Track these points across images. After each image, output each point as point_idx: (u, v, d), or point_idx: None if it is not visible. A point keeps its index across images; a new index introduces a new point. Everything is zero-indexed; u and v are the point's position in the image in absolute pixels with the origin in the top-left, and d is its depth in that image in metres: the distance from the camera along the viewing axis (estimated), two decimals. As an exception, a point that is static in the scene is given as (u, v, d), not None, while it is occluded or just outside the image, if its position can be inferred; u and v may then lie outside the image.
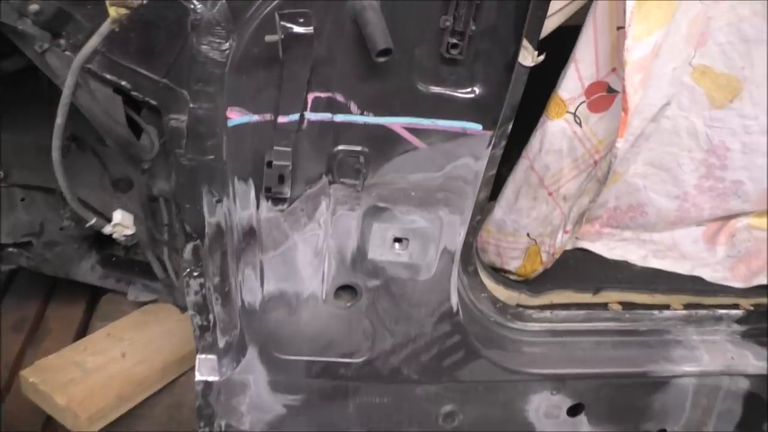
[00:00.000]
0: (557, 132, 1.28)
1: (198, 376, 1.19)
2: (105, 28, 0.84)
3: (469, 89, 1.00)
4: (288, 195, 1.02)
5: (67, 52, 0.91)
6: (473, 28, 0.94)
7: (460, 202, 1.09)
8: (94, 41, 0.85)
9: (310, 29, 0.90)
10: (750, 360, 1.46)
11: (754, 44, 1.34)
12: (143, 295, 1.91)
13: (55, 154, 0.91)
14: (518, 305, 1.42)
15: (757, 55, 1.35)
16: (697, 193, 1.55)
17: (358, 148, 1.02)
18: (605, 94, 1.24)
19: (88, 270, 1.92)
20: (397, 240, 1.13)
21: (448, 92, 1.00)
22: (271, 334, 1.17)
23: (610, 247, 1.70)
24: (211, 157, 1.01)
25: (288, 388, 1.22)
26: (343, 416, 1.29)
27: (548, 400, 1.38)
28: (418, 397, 1.30)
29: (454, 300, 1.20)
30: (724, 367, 1.44)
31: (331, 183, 1.05)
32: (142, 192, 1.11)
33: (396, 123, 1.02)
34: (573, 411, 1.42)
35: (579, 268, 1.56)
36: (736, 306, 1.54)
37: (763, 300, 1.55)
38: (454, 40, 0.95)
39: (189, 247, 1.09)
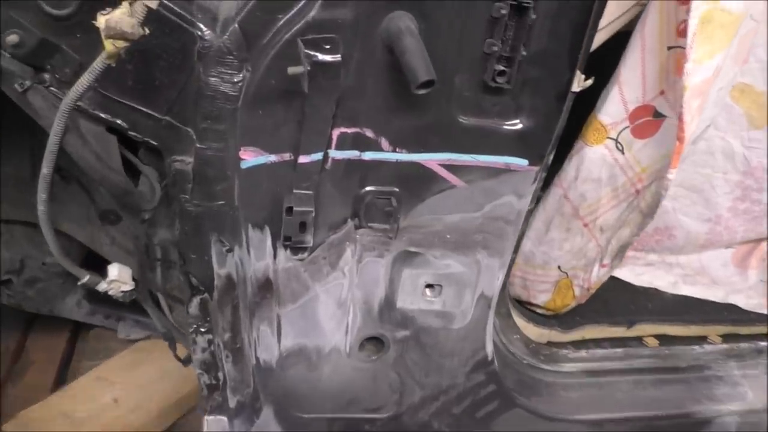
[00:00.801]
0: (596, 159, 1.18)
1: (206, 441, 1.06)
2: (99, 63, 0.71)
3: (515, 121, 0.89)
4: (310, 244, 0.90)
5: (52, 89, 0.78)
6: (523, 53, 0.83)
7: (500, 244, 0.98)
8: (86, 79, 0.72)
9: (337, 57, 0.78)
10: (796, 395, 1.37)
11: (800, 61, 1.24)
12: (135, 333, 1.77)
13: (41, 207, 0.78)
14: (549, 342, 1.32)
15: (803, 72, 1.26)
16: (731, 216, 1.45)
17: (390, 189, 0.90)
18: (651, 119, 1.13)
19: (73, 306, 1.77)
20: (429, 286, 1.01)
21: (490, 125, 0.88)
22: (289, 393, 1.04)
23: (636, 273, 1.61)
24: (221, 202, 0.88)
25: (307, 449, 1.10)
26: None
27: (585, 447, 1.27)
28: (446, 451, 1.19)
29: (489, 348, 1.08)
30: (769, 404, 1.35)
31: (357, 228, 0.93)
32: (140, 243, 0.98)
33: (432, 160, 0.90)
34: (610, 456, 1.32)
35: (608, 299, 1.45)
36: (771, 336, 1.45)
37: (801, 329, 1.47)
38: (501, 67, 0.83)
39: (195, 301, 0.96)
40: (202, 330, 0.99)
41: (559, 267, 1.32)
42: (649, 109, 1.13)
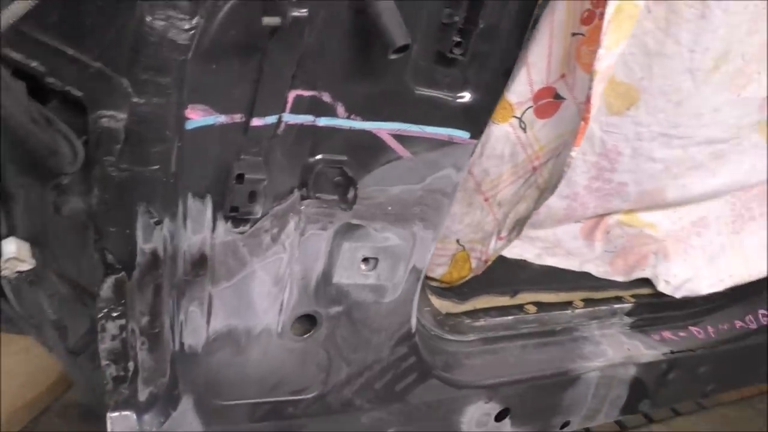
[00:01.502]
0: (501, 136, 1.24)
1: (113, 441, 0.93)
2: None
3: (463, 93, 0.90)
4: (259, 214, 0.83)
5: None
6: (481, 26, 0.84)
7: (436, 217, 0.99)
8: (5, 19, 0.57)
9: (304, 12, 0.72)
10: (642, 350, 1.59)
11: (654, 57, 1.42)
12: (-35, 326, 1.48)
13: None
14: (447, 313, 1.37)
15: (656, 68, 1.44)
16: (586, 193, 1.62)
17: (341, 158, 0.86)
18: (552, 100, 1.22)
19: None
20: (365, 260, 0.99)
21: (440, 96, 0.89)
22: (212, 380, 0.95)
23: (509, 247, 1.74)
24: (156, 167, 0.77)
25: (225, 439, 1.02)
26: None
27: (481, 409, 1.35)
28: (363, 425, 1.18)
29: (414, 321, 1.10)
30: (625, 359, 1.54)
31: (303, 198, 0.87)
32: (44, 213, 0.82)
33: (383, 129, 0.87)
34: (499, 416, 1.41)
35: (489, 271, 1.55)
36: (621, 299, 1.66)
37: (643, 292, 1.70)
38: (458, 38, 0.84)
39: (109, 281, 0.83)
40: (114, 315, 0.86)
41: (457, 240, 1.38)
42: (551, 90, 1.22)
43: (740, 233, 1.87)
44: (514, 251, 1.76)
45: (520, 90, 1.20)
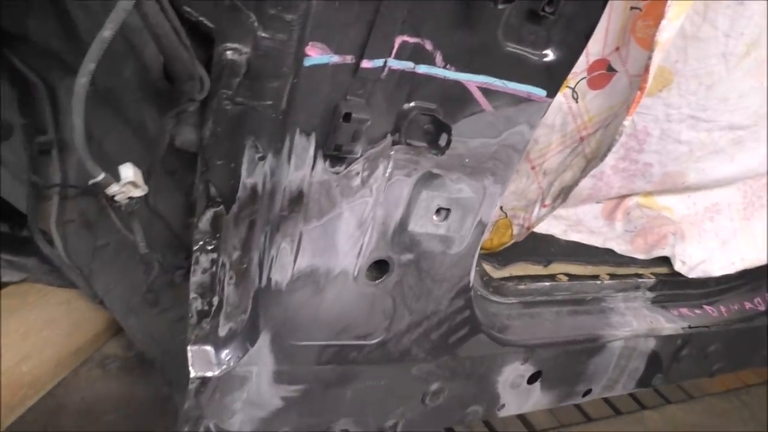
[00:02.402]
0: (553, 106, 1.28)
1: (192, 373, 0.96)
2: None
3: (546, 51, 0.95)
4: (359, 154, 0.86)
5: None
6: (572, -14, 0.89)
7: (506, 172, 1.04)
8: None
9: (420, -41, 0.76)
10: (663, 323, 1.66)
11: (690, 40, 1.49)
12: (8, 275, 1.49)
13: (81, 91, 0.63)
14: (490, 277, 1.42)
15: (691, 51, 1.50)
16: (612, 173, 1.69)
17: (432, 106, 0.90)
18: (605, 72, 1.28)
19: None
20: (438, 211, 1.03)
21: (525, 52, 0.93)
22: (289, 319, 0.99)
23: (537, 223, 1.80)
24: (269, 102, 0.80)
25: (292, 378, 1.05)
26: (336, 405, 1.16)
27: (517, 371, 1.40)
28: (412, 377, 1.22)
29: (473, 275, 1.14)
30: (648, 330, 1.61)
31: (394, 144, 0.91)
32: (160, 143, 0.84)
33: (472, 81, 0.92)
34: (532, 379, 1.47)
35: (522, 243, 1.61)
36: (642, 276, 1.73)
37: (662, 270, 1.77)
38: (551, -3, 0.89)
39: (208, 214, 0.86)
40: (208, 248, 0.89)
41: (501, 207, 1.43)
42: (605, 62, 1.28)
43: (751, 219, 1.95)
44: (542, 227, 1.82)
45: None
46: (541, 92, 0.99)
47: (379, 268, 1.04)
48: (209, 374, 0.97)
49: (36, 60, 1.25)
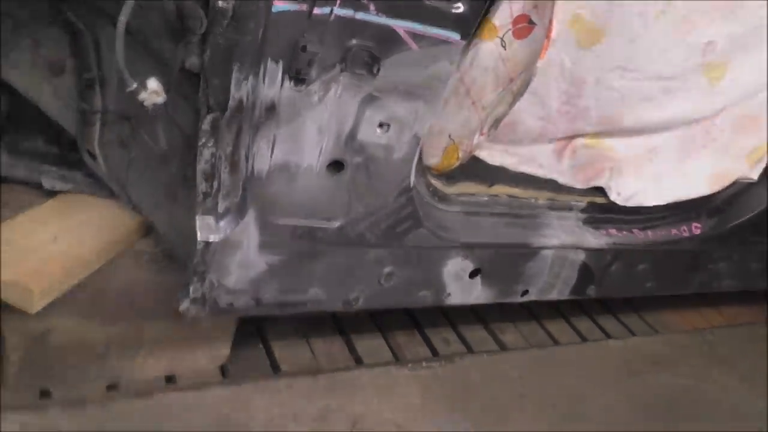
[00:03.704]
0: (487, 52, 1.62)
1: (199, 236, 1.34)
2: None
3: (456, 4, 1.29)
4: (312, 78, 1.22)
5: None
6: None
7: (433, 98, 1.39)
8: None
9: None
10: (590, 239, 2.00)
11: (615, 4, 1.79)
12: (59, 185, 1.88)
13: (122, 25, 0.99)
14: (437, 189, 1.78)
15: (616, 10, 1.81)
16: (557, 116, 2.02)
17: (370, 44, 1.25)
18: (527, 25, 1.60)
19: (-8, 159, 1.83)
20: (381, 125, 1.38)
21: (440, 5, 1.27)
22: (269, 201, 1.36)
23: (492, 156, 2.13)
24: (249, 38, 1.16)
25: (273, 248, 1.43)
26: (309, 276, 1.54)
27: (459, 264, 1.76)
28: (368, 260, 1.59)
29: (412, 179, 1.50)
30: (575, 243, 1.95)
31: (342, 71, 1.26)
32: (174, 66, 1.20)
33: (400, 26, 1.26)
34: (473, 274, 1.83)
35: (474, 168, 1.96)
36: (579, 200, 2.07)
37: (596, 198, 2.11)
38: (456, -36, 1.22)
39: (209, 118, 1.23)
40: (209, 144, 1.26)
41: (449, 135, 1.77)
42: (525, 17, 1.60)
43: (684, 161, 2.26)
44: (497, 159, 2.17)
45: (502, 16, 1.58)
46: (455, 36, 1.33)
47: (336, 166, 1.40)
48: (211, 238, 1.35)
49: (84, 12, 1.62)
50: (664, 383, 2.23)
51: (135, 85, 1.12)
